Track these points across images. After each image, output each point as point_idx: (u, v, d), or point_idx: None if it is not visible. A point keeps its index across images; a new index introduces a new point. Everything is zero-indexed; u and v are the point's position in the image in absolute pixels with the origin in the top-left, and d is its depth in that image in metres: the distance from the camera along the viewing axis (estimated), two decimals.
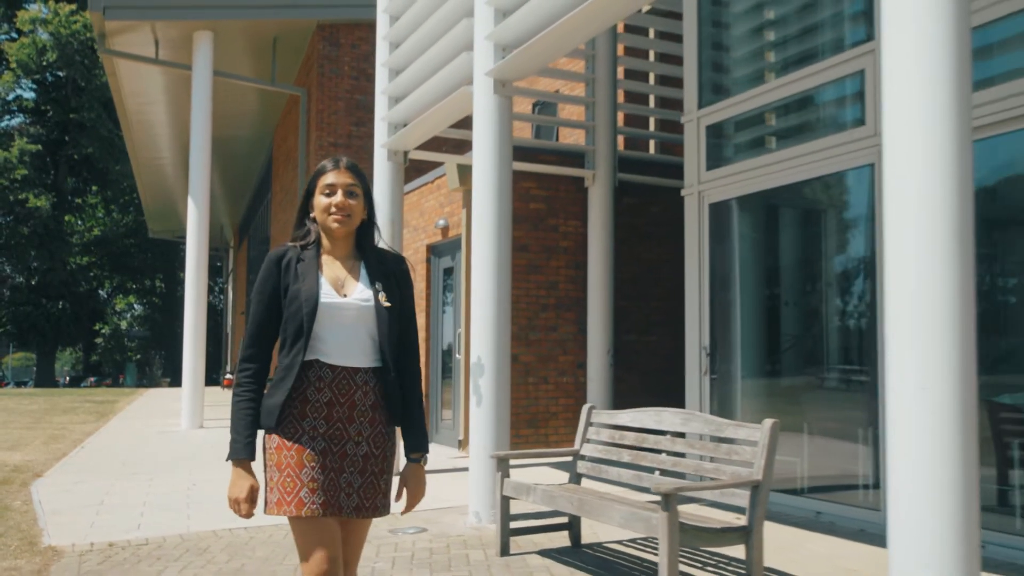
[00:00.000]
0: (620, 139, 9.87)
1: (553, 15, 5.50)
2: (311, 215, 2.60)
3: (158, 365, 51.50)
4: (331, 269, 2.55)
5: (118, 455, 9.54)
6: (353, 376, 2.50)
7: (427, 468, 2.77)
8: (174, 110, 17.39)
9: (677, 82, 9.09)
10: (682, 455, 4.71)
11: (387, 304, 2.54)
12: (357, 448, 2.49)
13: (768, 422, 3.92)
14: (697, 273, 7.06)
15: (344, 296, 2.51)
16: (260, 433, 2.52)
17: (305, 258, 2.54)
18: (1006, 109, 4.86)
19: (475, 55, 6.12)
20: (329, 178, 2.55)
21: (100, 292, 47.99)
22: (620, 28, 9.67)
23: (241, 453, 2.46)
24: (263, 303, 2.52)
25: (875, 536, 5.26)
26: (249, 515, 2.50)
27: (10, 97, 39.71)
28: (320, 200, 2.55)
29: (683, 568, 4.58)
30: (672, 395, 8.45)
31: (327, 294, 2.49)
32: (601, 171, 9.03)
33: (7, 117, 39.96)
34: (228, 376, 25.88)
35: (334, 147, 14.48)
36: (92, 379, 46.50)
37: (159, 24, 13.19)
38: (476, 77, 6.08)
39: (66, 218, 41.18)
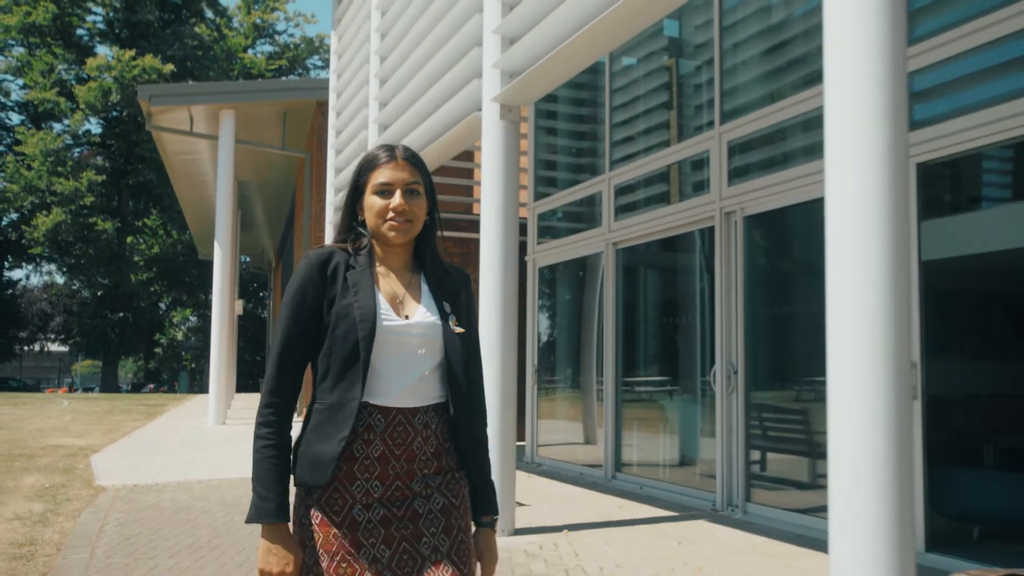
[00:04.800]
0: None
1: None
2: (360, 218, 2.04)
3: (208, 373, 55.68)
4: (387, 283, 2.01)
5: (153, 442, 13.10)
6: (410, 419, 1.93)
7: None
8: (211, 163, 21.08)
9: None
10: None
11: (459, 330, 2.02)
12: (430, 503, 1.94)
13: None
14: (533, 320, 10.29)
15: (406, 318, 1.97)
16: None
17: (357, 265, 1.98)
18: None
19: None
20: (384, 174, 1.98)
21: (159, 306, 52.65)
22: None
23: (274, 515, 1.85)
24: (300, 317, 1.93)
25: (597, 484, 8.42)
26: None
27: (80, 132, 44.63)
28: (373, 201, 1.98)
29: None
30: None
31: (386, 315, 1.94)
32: None
33: (77, 150, 44.83)
34: None
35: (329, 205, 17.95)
36: (151, 385, 51.19)
37: (193, 107, 16.89)
38: None
39: (128, 239, 45.76)
